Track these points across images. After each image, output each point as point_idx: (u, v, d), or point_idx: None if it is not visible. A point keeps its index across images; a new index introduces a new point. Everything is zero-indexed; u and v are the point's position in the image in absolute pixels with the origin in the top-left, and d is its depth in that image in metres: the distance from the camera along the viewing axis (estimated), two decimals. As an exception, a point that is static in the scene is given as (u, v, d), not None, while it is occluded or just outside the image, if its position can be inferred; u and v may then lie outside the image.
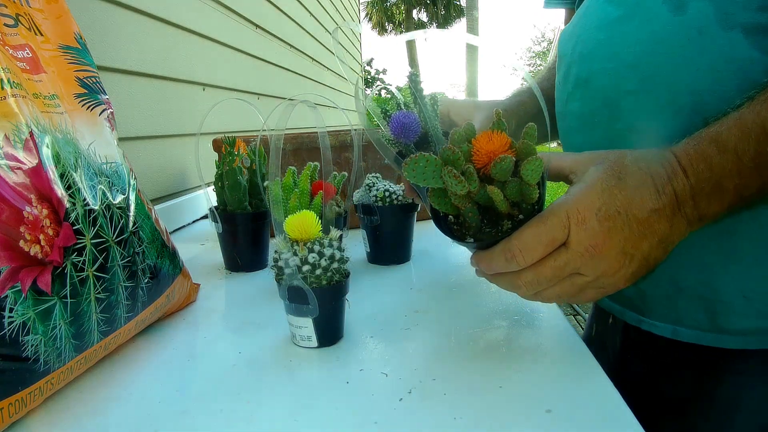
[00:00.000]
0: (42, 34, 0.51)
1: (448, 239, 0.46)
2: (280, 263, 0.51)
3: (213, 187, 0.80)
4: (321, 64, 3.47)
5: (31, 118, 0.44)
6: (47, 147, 0.44)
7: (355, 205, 0.79)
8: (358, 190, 0.80)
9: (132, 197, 0.54)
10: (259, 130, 0.83)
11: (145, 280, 0.53)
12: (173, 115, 1.23)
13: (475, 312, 0.59)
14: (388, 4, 20.98)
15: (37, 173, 0.42)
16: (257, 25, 1.99)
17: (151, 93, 1.13)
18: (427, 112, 0.52)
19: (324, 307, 0.50)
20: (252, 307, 0.65)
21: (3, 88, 0.42)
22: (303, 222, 0.51)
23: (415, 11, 20.67)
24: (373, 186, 0.77)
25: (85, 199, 0.46)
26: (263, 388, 0.45)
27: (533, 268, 0.42)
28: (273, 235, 0.62)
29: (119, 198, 0.52)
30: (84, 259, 0.45)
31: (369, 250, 0.80)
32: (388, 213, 0.74)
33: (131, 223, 0.52)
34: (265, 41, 2.11)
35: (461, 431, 0.38)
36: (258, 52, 1.99)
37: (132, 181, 0.55)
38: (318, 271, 0.50)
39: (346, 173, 0.78)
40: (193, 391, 0.45)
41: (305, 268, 0.50)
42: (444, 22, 20.74)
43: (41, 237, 0.42)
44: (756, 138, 0.40)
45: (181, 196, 1.21)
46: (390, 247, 0.78)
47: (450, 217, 0.46)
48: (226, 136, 0.80)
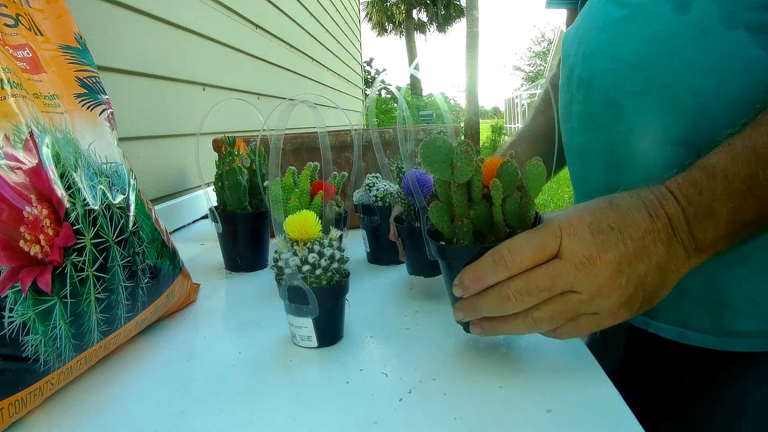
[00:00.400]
0: (42, 34, 0.51)
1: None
2: (280, 263, 0.51)
3: (213, 187, 0.80)
4: (321, 64, 3.47)
5: (31, 118, 0.44)
6: (47, 147, 0.44)
7: (355, 205, 0.79)
8: (358, 190, 0.80)
9: (132, 197, 0.54)
10: (259, 130, 0.83)
11: (145, 280, 0.53)
12: (173, 115, 1.23)
13: (475, 312, 0.59)
14: (388, 4, 20.99)
15: (37, 173, 0.42)
16: (257, 25, 1.99)
17: (151, 93, 1.13)
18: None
19: (324, 307, 0.50)
20: (252, 307, 0.65)
21: (3, 88, 0.42)
22: (303, 222, 0.51)
23: (415, 11, 20.68)
24: (373, 186, 0.77)
25: (85, 199, 0.46)
26: (263, 388, 0.45)
27: (523, 275, 0.40)
28: (273, 235, 0.62)
29: (119, 198, 0.52)
30: (84, 259, 0.45)
31: (369, 250, 0.80)
32: (388, 213, 0.74)
33: (131, 223, 0.52)
34: (265, 41, 2.11)
35: (461, 431, 0.38)
36: (258, 52, 1.99)
37: (132, 181, 0.55)
38: (318, 271, 0.50)
39: (346, 173, 0.78)
40: (193, 391, 0.45)
41: (305, 268, 0.50)
42: (444, 22, 20.74)
43: (41, 237, 0.42)
44: (746, 160, 0.39)
45: (181, 196, 1.21)
46: (390, 247, 0.78)
47: (442, 242, 0.46)
48: (226, 136, 0.80)
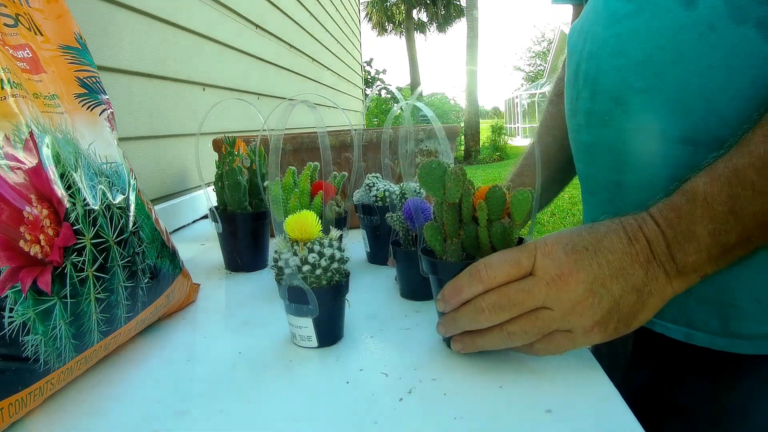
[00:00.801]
0: (42, 34, 0.51)
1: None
2: (280, 263, 0.51)
3: (213, 187, 0.80)
4: (321, 64, 3.47)
5: (31, 118, 0.44)
6: (47, 147, 0.44)
7: (355, 205, 0.79)
8: (358, 190, 0.80)
9: (132, 197, 0.54)
10: (259, 130, 0.83)
11: (145, 280, 0.53)
12: (173, 115, 1.23)
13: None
14: (388, 4, 20.99)
15: (37, 173, 0.42)
16: (257, 25, 1.99)
17: (150, 93, 1.13)
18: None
19: (324, 307, 0.50)
20: (252, 307, 0.65)
21: (3, 88, 0.42)
22: (303, 222, 0.51)
23: (415, 11, 20.67)
24: (373, 186, 0.77)
25: (85, 199, 0.46)
26: (263, 388, 0.45)
27: (497, 290, 0.43)
28: (273, 235, 0.62)
29: (119, 198, 0.52)
30: (84, 259, 0.45)
31: (369, 250, 0.80)
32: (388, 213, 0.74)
33: (131, 223, 0.52)
34: (265, 41, 2.11)
35: (461, 431, 0.38)
36: (258, 52, 1.99)
37: (132, 181, 0.55)
38: (318, 271, 0.50)
39: (346, 173, 0.78)
40: (193, 391, 0.45)
41: (305, 268, 0.50)
42: (444, 22, 20.74)
43: (41, 237, 0.42)
44: (726, 181, 0.40)
45: (181, 196, 1.21)
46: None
47: (434, 258, 0.50)
48: (226, 136, 0.80)
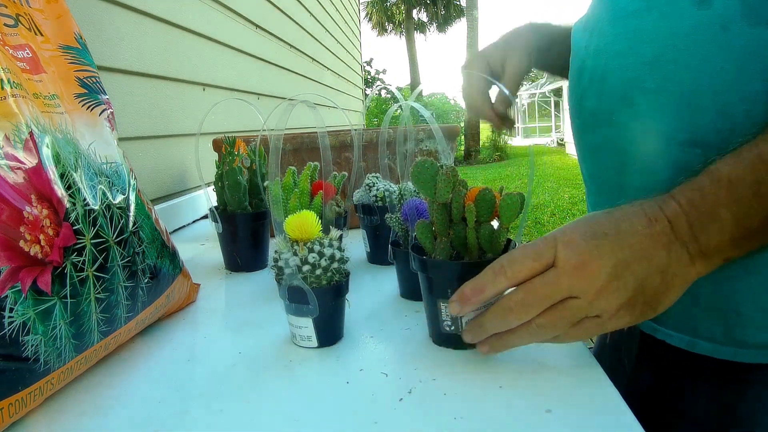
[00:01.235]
0: (42, 34, 0.51)
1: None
2: (280, 263, 0.51)
3: (213, 187, 0.80)
4: (321, 64, 3.47)
5: (31, 118, 0.44)
6: (47, 147, 0.44)
7: (355, 205, 0.79)
8: (358, 190, 0.80)
9: (132, 197, 0.54)
10: (259, 130, 0.83)
11: (145, 280, 0.53)
12: (173, 115, 1.23)
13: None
14: (388, 4, 20.98)
15: (37, 173, 0.42)
16: (257, 25, 1.99)
17: (150, 93, 1.13)
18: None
19: (324, 307, 0.50)
20: (252, 307, 0.65)
21: (3, 88, 0.42)
22: (303, 222, 0.51)
23: (415, 11, 20.67)
24: (373, 186, 0.77)
25: (85, 199, 0.46)
26: (263, 388, 0.45)
27: (523, 287, 0.42)
28: (273, 235, 0.62)
29: (119, 198, 0.52)
30: (84, 259, 0.45)
31: (369, 250, 0.80)
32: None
33: (131, 223, 0.52)
34: (265, 41, 2.11)
35: (461, 431, 0.38)
36: (258, 52, 1.99)
37: (132, 181, 0.55)
38: (318, 271, 0.50)
39: (346, 173, 0.78)
40: (193, 391, 0.45)
41: (305, 268, 0.50)
42: (444, 22, 20.74)
43: (41, 237, 0.42)
44: (752, 167, 0.39)
45: (181, 196, 1.21)
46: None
47: (425, 256, 0.51)
48: (226, 136, 0.80)
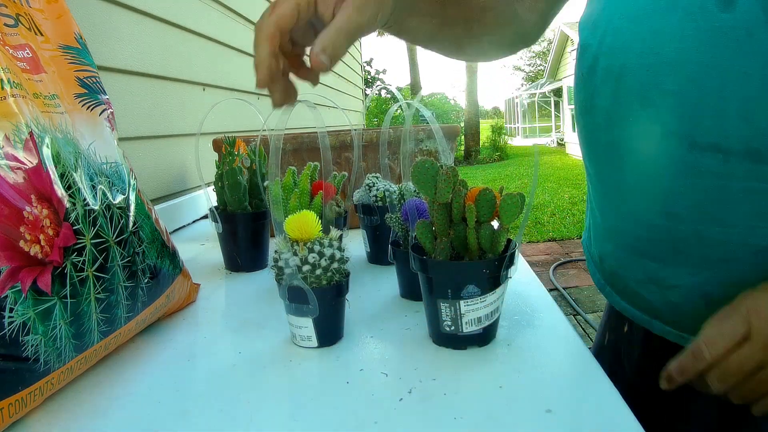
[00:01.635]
0: (42, 34, 0.51)
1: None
2: (280, 263, 0.51)
3: (213, 187, 0.80)
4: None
5: (31, 118, 0.44)
6: (47, 147, 0.44)
7: (355, 205, 0.79)
8: (358, 190, 0.80)
9: (132, 197, 0.54)
10: (259, 130, 0.83)
11: (145, 280, 0.53)
12: (173, 115, 1.23)
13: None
14: (388, 4, 20.93)
15: (37, 173, 0.42)
16: (257, 25, 1.99)
17: (150, 93, 1.13)
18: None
19: (324, 307, 0.50)
20: (252, 307, 0.65)
21: (3, 88, 0.42)
22: (303, 222, 0.51)
23: (415, 11, 20.61)
24: (373, 186, 0.77)
25: (85, 199, 0.46)
26: (263, 388, 0.45)
27: (718, 364, 0.43)
28: (273, 235, 0.62)
29: (119, 198, 0.52)
30: (84, 259, 0.45)
31: (369, 250, 0.80)
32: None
33: (131, 223, 0.52)
34: (265, 41, 2.11)
35: (461, 431, 0.38)
36: (258, 52, 1.98)
37: (132, 181, 0.55)
38: (318, 271, 0.50)
39: (346, 173, 0.78)
40: (193, 391, 0.45)
41: (305, 268, 0.50)
42: (444, 22, 20.67)
43: (41, 237, 0.42)
44: None
45: (181, 196, 1.21)
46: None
47: (425, 256, 0.51)
48: (226, 136, 0.80)
